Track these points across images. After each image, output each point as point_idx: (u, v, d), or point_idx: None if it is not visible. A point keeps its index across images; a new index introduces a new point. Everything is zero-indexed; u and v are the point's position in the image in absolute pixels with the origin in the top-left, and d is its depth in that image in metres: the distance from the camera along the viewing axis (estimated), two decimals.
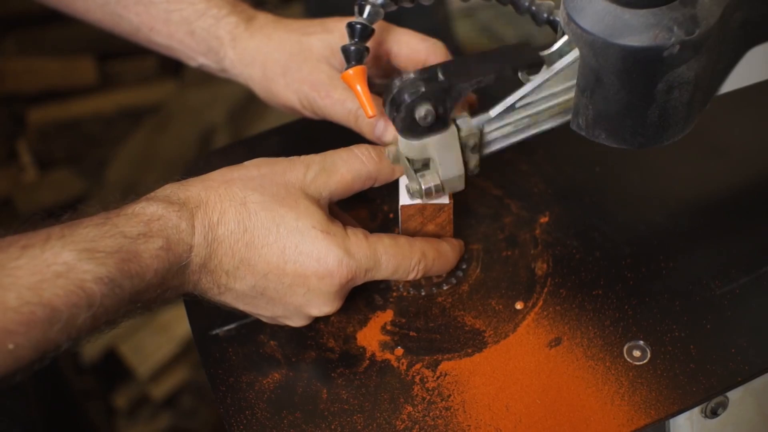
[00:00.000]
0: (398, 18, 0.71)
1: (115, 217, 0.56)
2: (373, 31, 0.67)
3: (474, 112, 0.64)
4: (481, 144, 0.64)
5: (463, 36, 1.90)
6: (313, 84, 0.73)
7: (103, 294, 0.53)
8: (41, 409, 0.94)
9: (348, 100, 0.71)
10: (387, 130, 0.69)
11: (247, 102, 1.88)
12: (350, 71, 0.67)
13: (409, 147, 0.63)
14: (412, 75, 0.60)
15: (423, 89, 0.59)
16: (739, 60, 0.63)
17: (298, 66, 0.73)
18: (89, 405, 1.64)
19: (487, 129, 0.63)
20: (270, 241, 0.60)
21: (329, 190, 0.63)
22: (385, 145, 0.67)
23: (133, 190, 0.63)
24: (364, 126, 0.70)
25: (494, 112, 0.62)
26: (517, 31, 1.96)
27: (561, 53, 0.60)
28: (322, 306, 0.63)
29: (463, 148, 0.63)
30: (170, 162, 1.83)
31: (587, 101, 0.58)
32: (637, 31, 0.53)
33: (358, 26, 0.66)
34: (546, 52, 0.60)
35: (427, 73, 0.60)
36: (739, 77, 0.64)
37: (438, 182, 0.63)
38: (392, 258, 0.63)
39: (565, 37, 0.58)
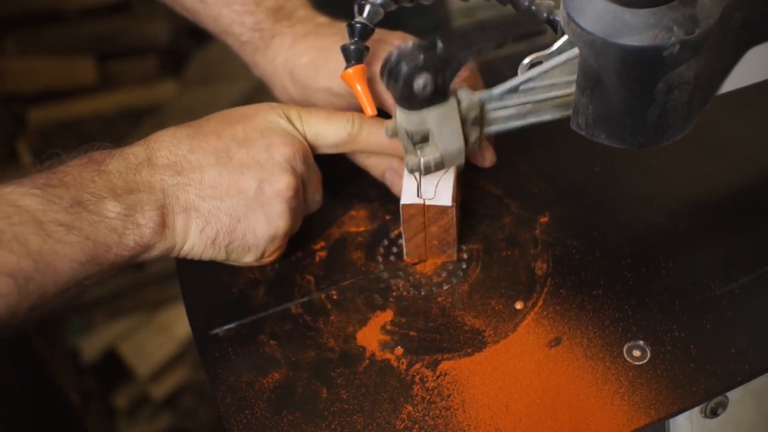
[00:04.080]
0: (398, 18, 0.71)
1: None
2: (372, 30, 0.67)
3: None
4: (482, 120, 0.62)
5: None
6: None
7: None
8: (27, 408, 0.93)
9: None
10: (394, 183, 0.73)
11: (248, 102, 1.88)
12: (350, 71, 0.67)
13: (407, 120, 0.61)
14: (410, 44, 0.58)
15: (422, 58, 0.57)
16: (739, 60, 0.63)
17: (304, 97, 0.75)
18: (89, 405, 1.64)
19: (488, 107, 0.61)
20: (206, 121, 0.65)
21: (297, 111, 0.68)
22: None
23: None
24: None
25: (497, 90, 0.61)
26: None
27: (561, 53, 0.59)
28: (287, 139, 0.65)
29: (464, 121, 0.61)
30: None
31: (587, 101, 0.58)
32: (637, 30, 0.53)
33: (358, 26, 0.66)
34: (546, 52, 0.60)
35: (426, 43, 0.58)
36: (739, 77, 0.64)
37: (437, 156, 0.62)
38: (321, 109, 0.68)
39: (565, 37, 0.58)
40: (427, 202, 0.66)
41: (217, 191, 0.63)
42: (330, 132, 0.68)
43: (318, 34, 0.74)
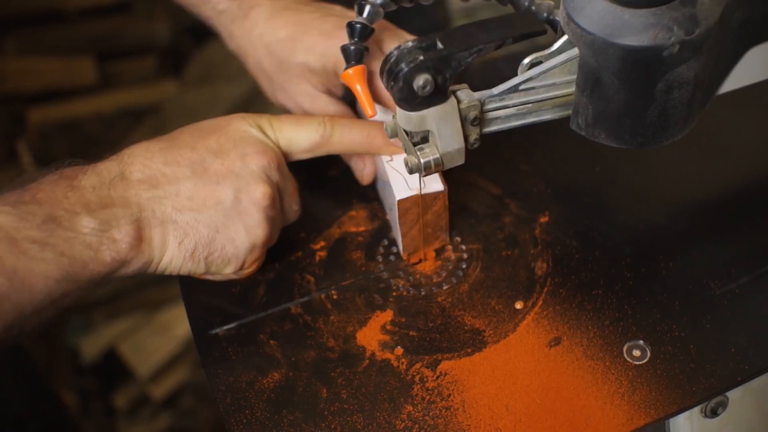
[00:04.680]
0: (398, 18, 0.71)
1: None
2: (372, 30, 0.67)
3: (477, 89, 0.62)
4: (481, 119, 0.62)
5: None
6: (296, 104, 0.74)
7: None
8: (19, 410, 0.93)
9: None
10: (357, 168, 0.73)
11: (248, 102, 1.88)
12: (350, 71, 0.67)
13: (407, 119, 0.60)
14: (410, 44, 0.58)
15: (421, 58, 0.57)
16: (739, 60, 0.63)
17: (280, 84, 0.74)
18: (89, 405, 1.64)
19: (488, 106, 0.61)
20: (179, 133, 0.65)
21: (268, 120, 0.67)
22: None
23: None
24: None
25: (497, 89, 0.61)
26: None
27: (561, 53, 0.59)
28: (260, 148, 0.64)
29: (464, 121, 0.61)
30: None
31: (587, 101, 0.58)
32: (636, 30, 0.53)
33: (358, 26, 0.66)
34: (546, 52, 0.60)
35: (426, 42, 0.58)
36: (739, 77, 0.64)
37: (437, 156, 0.61)
38: (292, 114, 0.68)
39: (565, 37, 0.58)
40: (422, 191, 0.66)
41: (193, 203, 0.62)
42: (302, 137, 0.68)
43: (297, 9, 0.74)
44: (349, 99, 0.74)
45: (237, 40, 0.76)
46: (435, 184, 0.67)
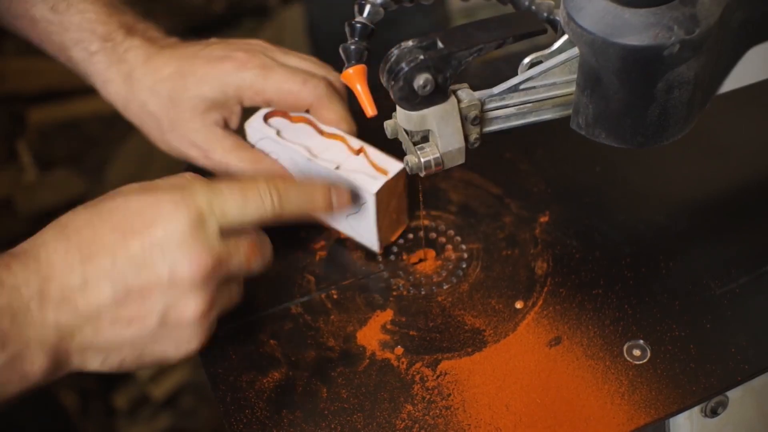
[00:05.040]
0: (398, 18, 0.71)
1: None
2: (373, 30, 0.67)
3: (477, 89, 0.62)
4: (482, 119, 0.62)
5: None
6: (191, 144, 0.70)
7: None
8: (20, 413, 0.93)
9: (230, 163, 0.69)
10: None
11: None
12: (350, 70, 0.67)
13: (407, 119, 0.60)
14: (410, 43, 0.58)
15: (422, 57, 0.57)
16: (739, 60, 0.63)
17: (171, 124, 0.69)
18: (89, 405, 1.64)
19: (488, 105, 0.61)
20: (96, 228, 0.55)
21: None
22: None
23: None
24: None
25: (498, 89, 0.61)
26: None
27: (561, 53, 0.59)
28: (193, 258, 0.56)
29: (464, 120, 0.61)
30: (170, 162, 1.82)
31: (587, 100, 0.58)
32: (637, 30, 0.53)
33: (358, 25, 0.66)
34: (546, 52, 0.60)
35: (426, 42, 0.58)
36: (739, 77, 0.64)
37: (437, 155, 0.61)
38: (234, 186, 0.58)
39: (565, 37, 0.58)
40: (390, 175, 0.66)
41: (115, 326, 0.56)
42: (248, 217, 0.59)
43: (175, 47, 0.71)
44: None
45: (114, 86, 0.72)
46: (394, 163, 0.66)
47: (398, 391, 0.62)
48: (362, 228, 0.69)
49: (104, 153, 1.90)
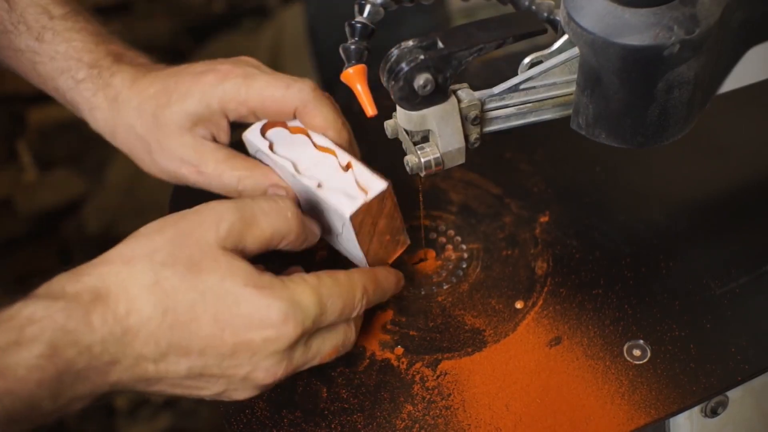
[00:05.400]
0: (398, 18, 0.71)
1: None
2: (373, 30, 0.67)
3: (477, 89, 0.62)
4: (482, 119, 0.62)
5: None
6: (181, 161, 0.68)
7: None
8: None
9: (224, 174, 0.67)
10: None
11: None
12: (350, 70, 0.67)
13: (407, 119, 0.60)
14: (410, 43, 0.58)
15: (422, 57, 0.57)
16: (739, 60, 0.63)
17: (158, 143, 0.68)
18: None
19: (488, 105, 0.62)
20: (198, 314, 0.53)
21: (245, 244, 0.56)
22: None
23: (133, 191, 0.62)
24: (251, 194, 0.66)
25: (498, 89, 0.61)
26: None
27: (561, 53, 0.59)
28: (273, 369, 0.55)
29: (464, 120, 0.61)
30: None
31: (587, 100, 0.58)
32: (637, 30, 0.53)
33: (358, 25, 0.66)
34: (546, 52, 0.60)
35: (426, 42, 0.58)
36: (739, 77, 0.64)
37: (438, 155, 0.61)
38: (337, 299, 0.57)
39: (565, 36, 0.58)
40: (369, 196, 0.61)
41: (175, 389, 0.56)
42: (342, 320, 0.59)
43: (160, 69, 0.70)
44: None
45: (101, 113, 0.70)
46: (376, 183, 0.62)
47: (398, 391, 0.62)
48: (350, 249, 0.66)
49: (104, 153, 1.90)
